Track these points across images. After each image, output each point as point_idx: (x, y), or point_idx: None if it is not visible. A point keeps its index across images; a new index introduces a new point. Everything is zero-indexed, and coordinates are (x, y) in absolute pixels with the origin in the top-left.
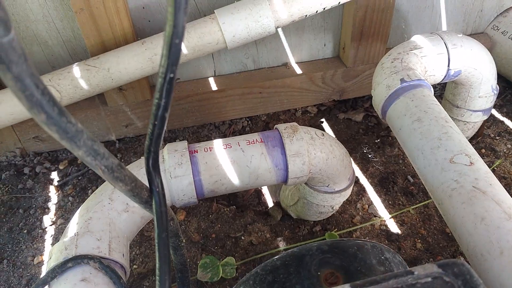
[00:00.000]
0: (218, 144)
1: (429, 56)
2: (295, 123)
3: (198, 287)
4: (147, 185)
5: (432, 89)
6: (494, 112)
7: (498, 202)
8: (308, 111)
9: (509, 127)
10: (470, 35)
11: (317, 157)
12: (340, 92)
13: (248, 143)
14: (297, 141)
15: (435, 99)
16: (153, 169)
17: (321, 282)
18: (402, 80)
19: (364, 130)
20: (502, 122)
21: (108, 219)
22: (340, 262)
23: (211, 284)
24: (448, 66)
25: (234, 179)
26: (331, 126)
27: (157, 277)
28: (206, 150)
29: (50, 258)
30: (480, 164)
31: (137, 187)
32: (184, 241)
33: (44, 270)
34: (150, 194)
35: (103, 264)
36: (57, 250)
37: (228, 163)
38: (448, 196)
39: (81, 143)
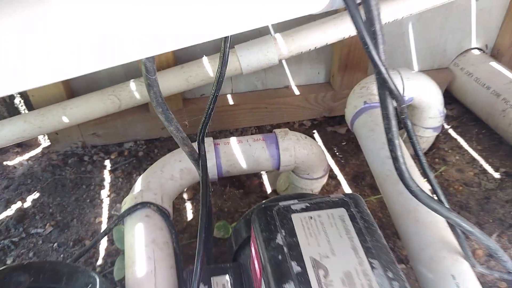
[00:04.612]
0: (233, 140)
1: None
2: (287, 129)
3: (215, 242)
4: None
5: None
6: (451, 131)
7: (422, 189)
8: (303, 124)
9: (459, 143)
10: (437, 69)
11: (300, 152)
12: (329, 110)
13: (254, 140)
14: (287, 140)
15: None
16: (201, 141)
17: None
18: (365, 102)
19: (346, 140)
20: (455, 139)
21: (160, 183)
22: None
23: (223, 240)
24: (403, 93)
25: (243, 164)
26: (321, 137)
27: (201, 208)
28: (225, 144)
29: (125, 203)
30: (407, 160)
31: (193, 151)
32: (212, 190)
33: (103, 227)
34: (199, 155)
35: (159, 208)
36: (129, 199)
37: (239, 152)
38: (384, 180)
39: (172, 124)
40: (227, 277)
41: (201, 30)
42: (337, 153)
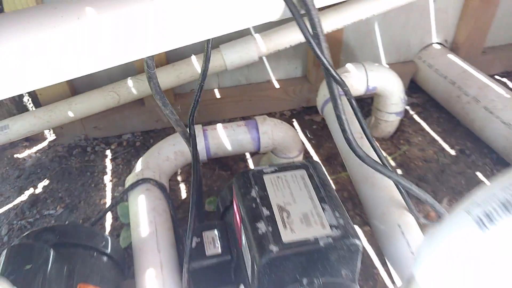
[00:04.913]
0: (219, 126)
1: (354, 77)
2: (265, 116)
3: (206, 215)
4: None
5: (353, 98)
6: (415, 116)
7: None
8: (284, 114)
9: (422, 126)
10: (403, 62)
11: (277, 135)
12: (306, 101)
13: (237, 126)
14: (266, 125)
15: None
16: (192, 122)
17: None
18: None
19: (321, 127)
20: (419, 123)
21: (157, 163)
22: None
23: (214, 213)
24: (367, 83)
25: (228, 146)
26: (299, 124)
27: (192, 174)
28: (212, 129)
29: (128, 181)
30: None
31: (184, 131)
32: (201, 164)
33: (107, 205)
34: (189, 134)
35: (157, 183)
36: (132, 177)
37: (224, 136)
38: (347, 155)
39: (168, 108)
40: (215, 231)
41: (189, 35)
42: (313, 138)
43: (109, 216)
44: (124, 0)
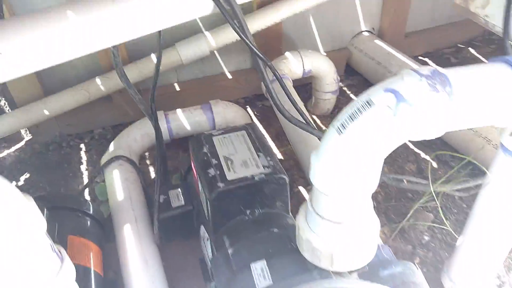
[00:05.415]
0: (178, 111)
1: (292, 63)
2: (218, 100)
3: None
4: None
5: (291, 80)
6: (352, 96)
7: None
8: (239, 102)
9: None
10: (338, 49)
11: (229, 114)
12: (257, 89)
13: (194, 109)
14: (219, 107)
15: (291, 86)
16: (152, 100)
17: None
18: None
19: (271, 110)
20: (352, 99)
21: (127, 144)
22: None
23: None
24: (303, 67)
25: (188, 126)
26: (252, 110)
27: (156, 142)
28: (172, 113)
29: (103, 160)
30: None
31: (147, 108)
32: (164, 144)
33: (86, 191)
34: (152, 112)
35: (128, 159)
36: (106, 156)
37: (184, 118)
38: (287, 125)
39: (132, 88)
40: (179, 189)
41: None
42: (264, 120)
43: (87, 197)
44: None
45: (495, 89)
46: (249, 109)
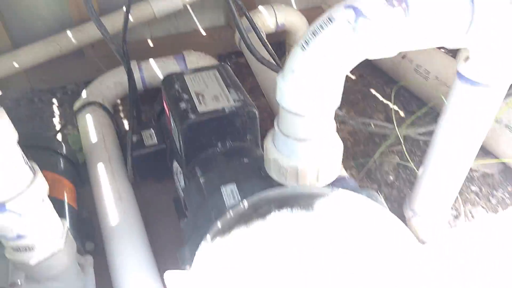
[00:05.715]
0: (151, 60)
1: (265, 16)
2: (191, 50)
3: None
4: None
5: (264, 33)
6: None
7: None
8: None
9: None
10: (312, 8)
11: (202, 65)
12: (231, 46)
13: (167, 59)
14: (192, 57)
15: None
16: (124, 40)
17: None
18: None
19: (245, 66)
20: None
21: (100, 91)
22: None
23: None
24: (277, 21)
25: (161, 76)
26: None
27: (128, 82)
28: (145, 63)
29: (75, 106)
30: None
31: (119, 47)
32: (138, 92)
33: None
34: (123, 52)
35: (101, 105)
36: (79, 102)
37: (157, 68)
38: (257, 69)
39: (102, 27)
40: (151, 130)
41: None
42: (238, 75)
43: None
44: None
45: (449, 7)
46: None
